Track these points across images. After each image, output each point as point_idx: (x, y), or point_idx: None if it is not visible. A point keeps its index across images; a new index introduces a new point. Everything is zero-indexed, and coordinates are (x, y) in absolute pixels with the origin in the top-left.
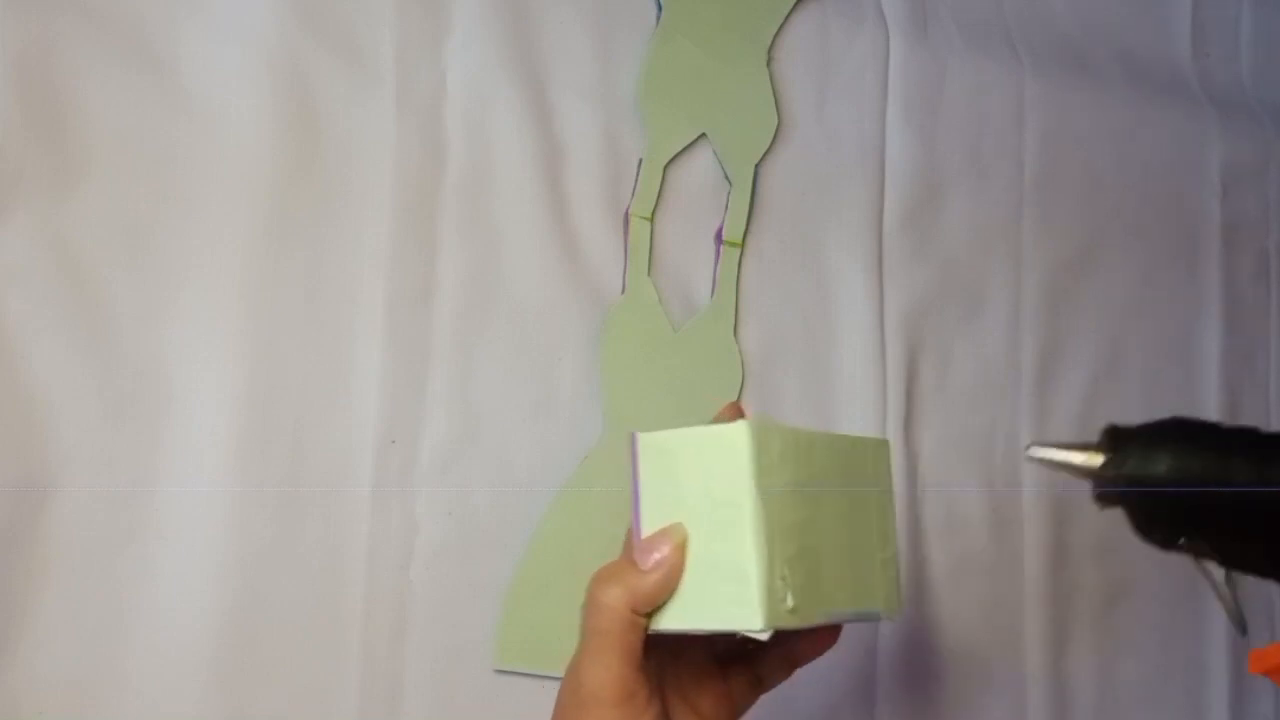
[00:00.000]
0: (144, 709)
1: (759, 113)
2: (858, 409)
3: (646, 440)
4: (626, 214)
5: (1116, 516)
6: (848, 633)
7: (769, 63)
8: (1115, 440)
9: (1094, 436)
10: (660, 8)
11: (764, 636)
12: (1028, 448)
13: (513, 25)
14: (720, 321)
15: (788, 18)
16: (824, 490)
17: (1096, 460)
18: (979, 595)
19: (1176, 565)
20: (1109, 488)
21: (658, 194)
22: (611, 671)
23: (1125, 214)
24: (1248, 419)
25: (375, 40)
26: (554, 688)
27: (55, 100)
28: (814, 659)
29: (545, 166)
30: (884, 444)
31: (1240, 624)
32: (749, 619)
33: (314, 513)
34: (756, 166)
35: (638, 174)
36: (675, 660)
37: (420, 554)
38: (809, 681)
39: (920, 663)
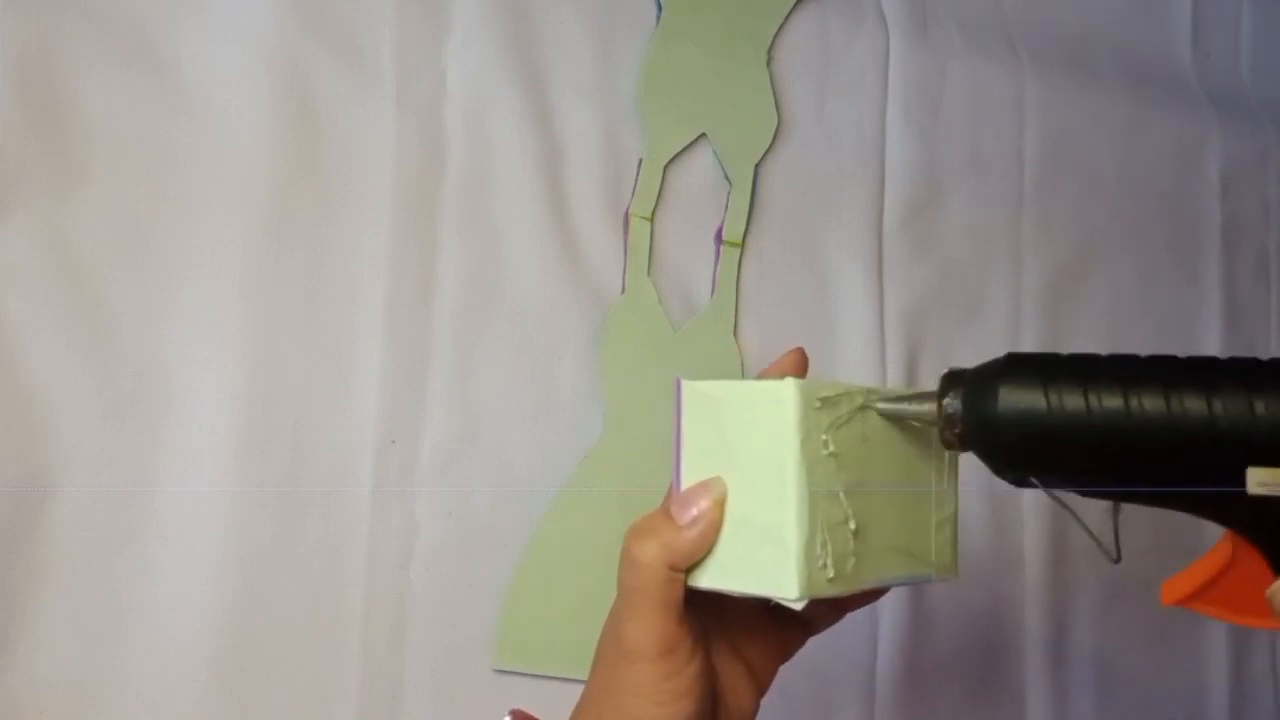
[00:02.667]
0: (144, 709)
1: (759, 113)
2: None
3: (693, 388)
4: (626, 214)
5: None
6: (847, 631)
7: (769, 63)
8: (948, 383)
9: None
10: (660, 8)
11: (799, 607)
12: (875, 403)
13: (513, 25)
14: (720, 321)
15: (788, 18)
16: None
17: (930, 406)
18: (979, 595)
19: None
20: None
21: (658, 194)
22: (653, 629)
23: (1125, 214)
24: None
25: (375, 40)
26: (554, 687)
27: (55, 100)
28: (865, 605)
29: (545, 166)
30: None
31: (1110, 552)
32: (784, 587)
33: (314, 513)
34: (756, 166)
35: (638, 174)
36: (722, 608)
37: (420, 554)
38: (809, 681)
39: (920, 662)
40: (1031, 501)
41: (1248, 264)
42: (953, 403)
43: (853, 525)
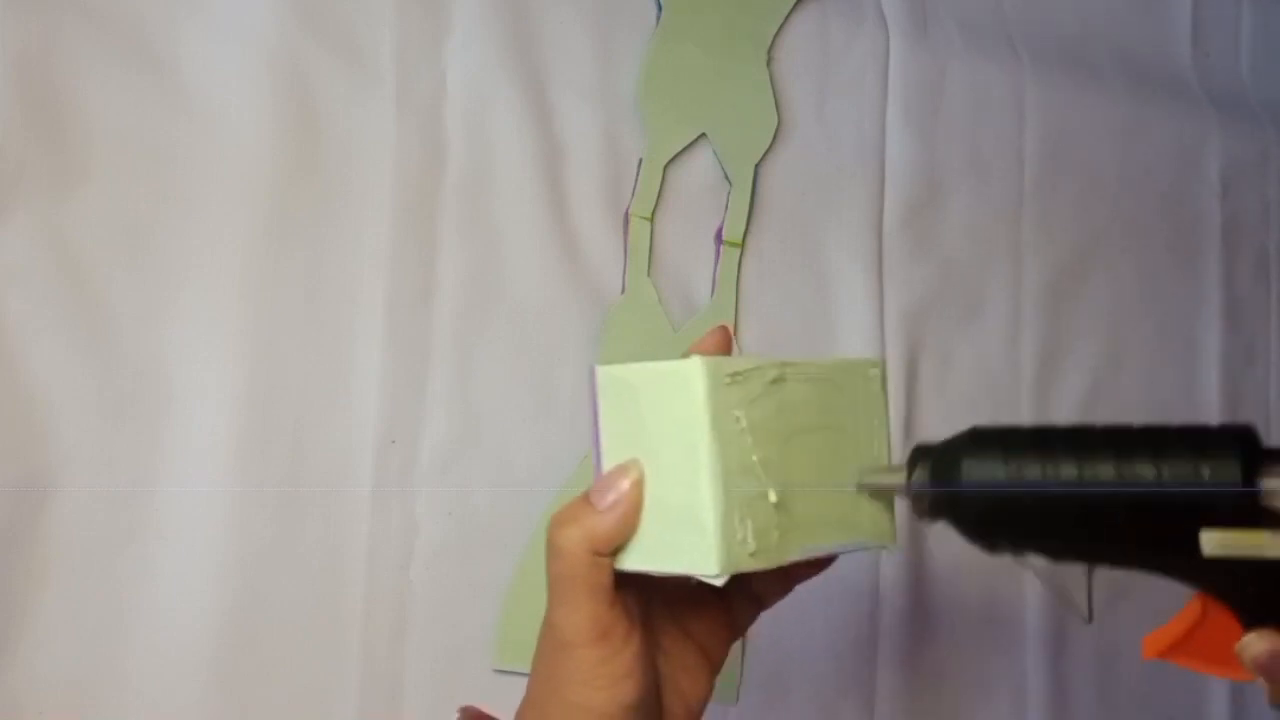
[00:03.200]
0: (144, 709)
1: (759, 113)
2: None
3: (606, 374)
4: (626, 214)
5: None
6: (847, 633)
7: (769, 63)
8: (916, 458)
9: None
10: (660, 8)
11: (719, 583)
12: (860, 480)
13: (513, 25)
14: (720, 321)
15: (788, 18)
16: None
17: (899, 479)
18: (979, 595)
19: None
20: (924, 503)
21: (658, 194)
22: (582, 613)
23: (1125, 214)
24: (1248, 418)
25: (375, 40)
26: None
27: (55, 100)
28: (812, 577)
29: (545, 166)
30: (875, 365)
31: (1082, 613)
32: (704, 564)
33: (314, 513)
34: (756, 166)
35: (638, 174)
36: (663, 587)
37: (420, 554)
38: (809, 681)
39: (920, 662)
40: None
41: (1248, 264)
42: (921, 477)
43: (773, 498)
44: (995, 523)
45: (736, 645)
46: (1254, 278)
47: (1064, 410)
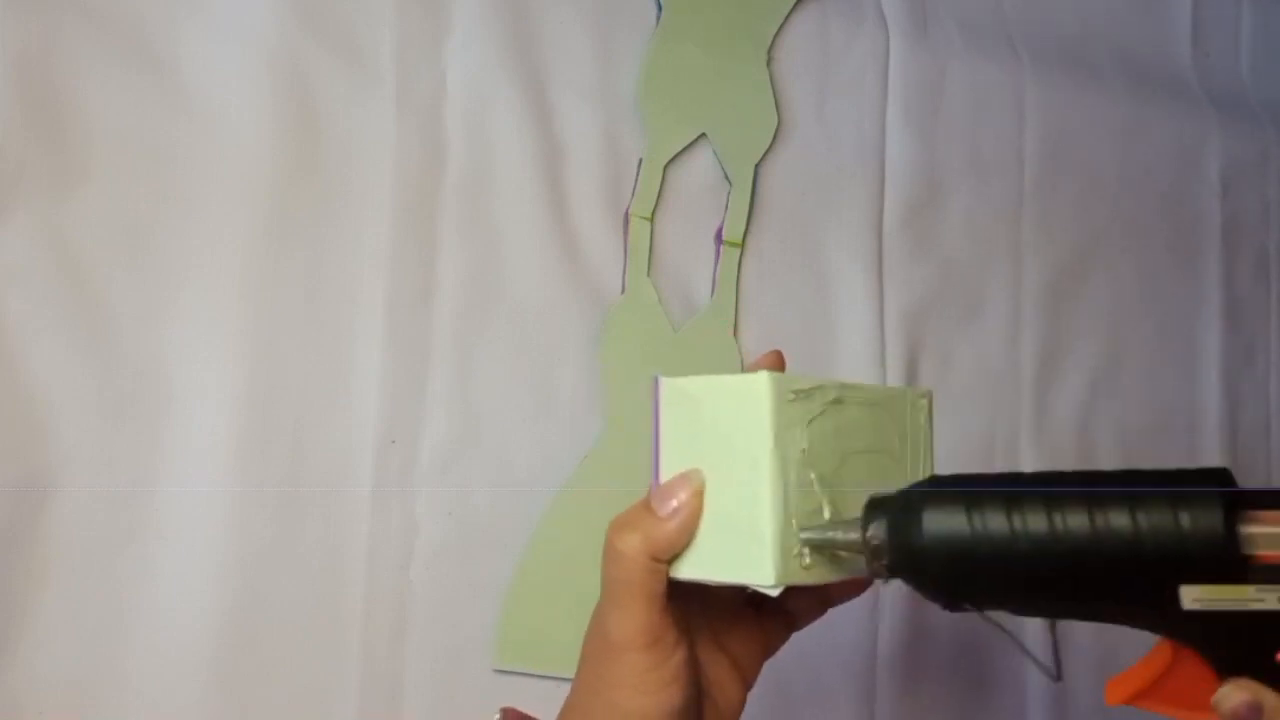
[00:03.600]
0: (144, 709)
1: (759, 113)
2: None
3: (670, 385)
4: (626, 214)
5: None
6: (847, 633)
7: (769, 63)
8: (871, 513)
9: (1093, 436)
10: (660, 8)
11: (775, 593)
12: (800, 533)
13: (513, 25)
14: (720, 321)
15: (788, 18)
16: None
17: (855, 535)
18: None
19: None
20: (876, 560)
21: (658, 194)
22: (636, 619)
23: (1125, 214)
24: (1248, 419)
25: (375, 40)
26: (553, 687)
27: (55, 100)
28: (847, 600)
29: (545, 166)
30: (924, 395)
31: (1050, 671)
32: (762, 575)
33: (314, 513)
34: (756, 166)
35: (638, 174)
36: (706, 600)
37: (420, 554)
38: (808, 683)
39: (920, 662)
40: None
41: (1248, 264)
42: (877, 532)
43: (827, 514)
44: (959, 581)
45: None
46: (1254, 278)
47: (1064, 410)
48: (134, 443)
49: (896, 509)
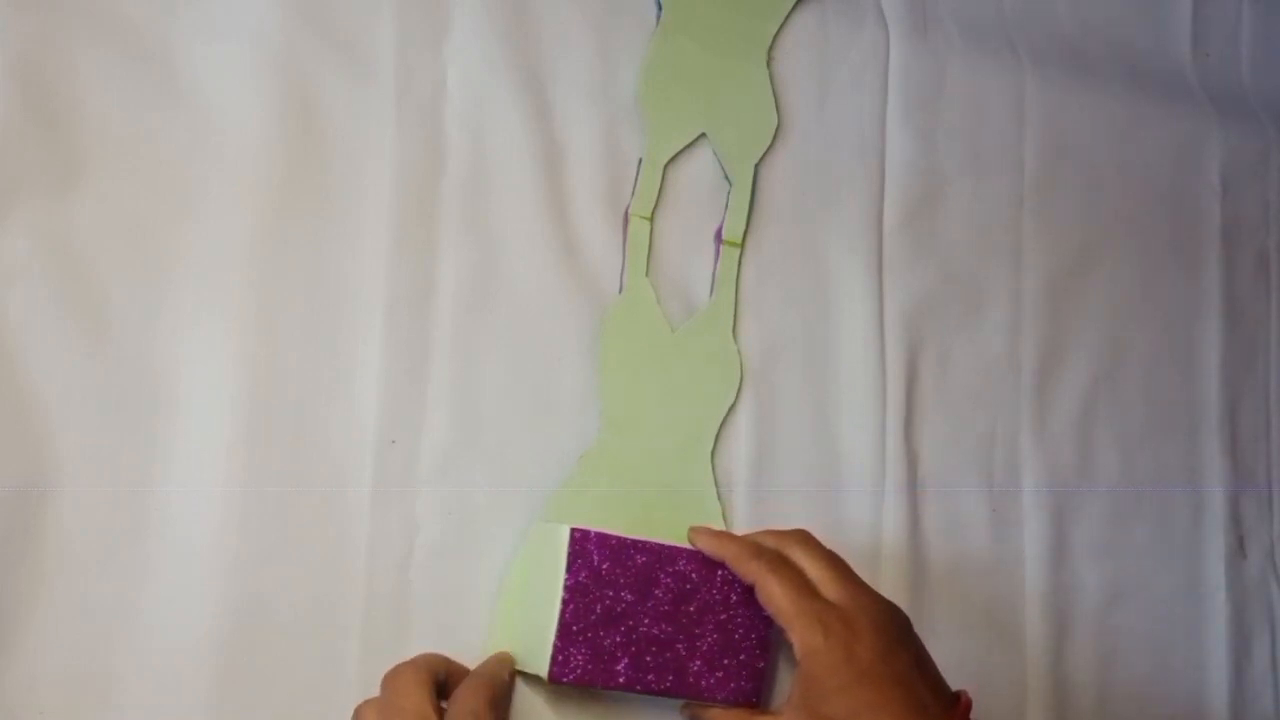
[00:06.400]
0: (144, 708)
1: (759, 112)
2: (857, 409)
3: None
4: (626, 213)
5: (1117, 514)
6: None
7: (769, 62)
8: None
9: (1093, 439)
10: (660, 7)
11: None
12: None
13: (513, 25)
14: (719, 321)
15: (788, 18)
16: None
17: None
18: (979, 595)
19: (1177, 565)
20: None
21: (657, 193)
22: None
23: (1125, 214)
24: (1248, 419)
25: (375, 40)
26: (554, 687)
27: (55, 100)
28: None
29: (545, 166)
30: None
31: None
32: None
33: (314, 513)
34: (756, 166)
35: (637, 174)
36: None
37: (420, 554)
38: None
39: None
40: (1032, 502)
41: (1248, 264)
42: None
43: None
44: None
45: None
46: (1254, 278)
47: (1064, 410)
48: (134, 443)
49: None
